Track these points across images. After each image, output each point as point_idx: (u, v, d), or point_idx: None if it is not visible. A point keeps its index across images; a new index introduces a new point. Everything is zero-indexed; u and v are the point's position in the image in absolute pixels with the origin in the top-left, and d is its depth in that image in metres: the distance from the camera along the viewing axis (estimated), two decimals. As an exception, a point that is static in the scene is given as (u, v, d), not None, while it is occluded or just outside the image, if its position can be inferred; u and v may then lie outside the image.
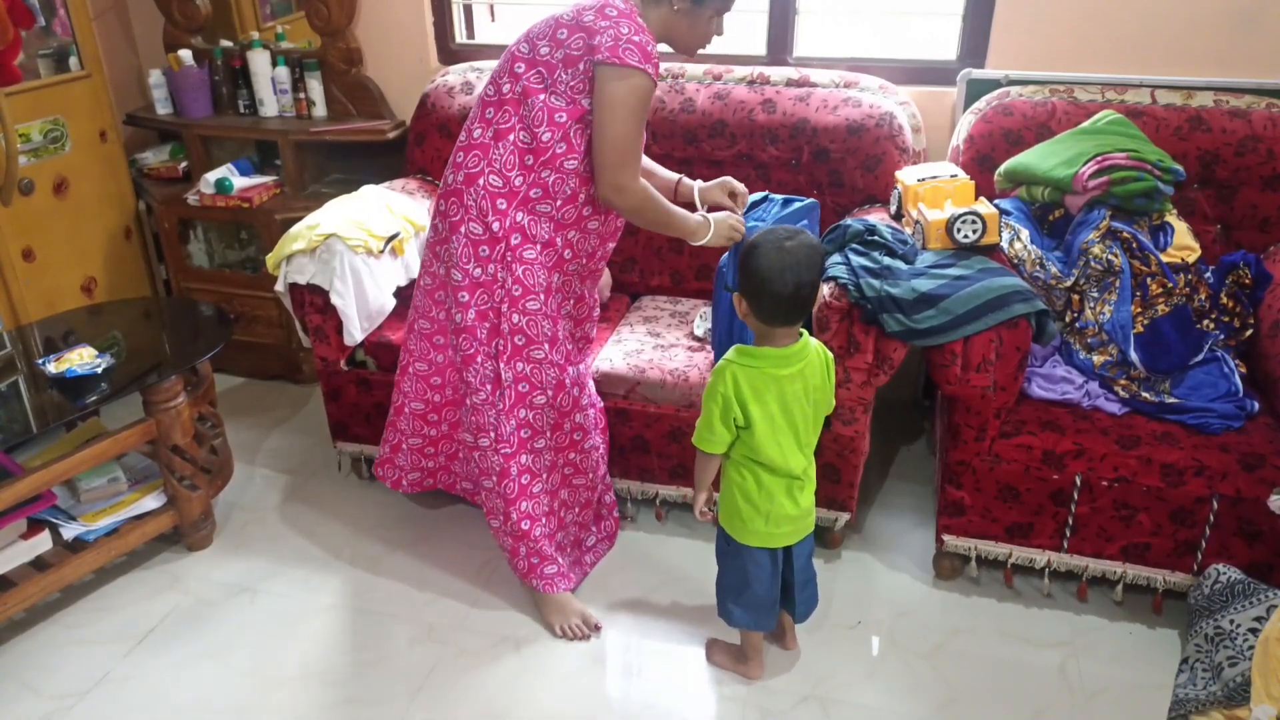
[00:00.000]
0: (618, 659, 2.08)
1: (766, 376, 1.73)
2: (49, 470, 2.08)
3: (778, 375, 1.73)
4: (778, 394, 1.74)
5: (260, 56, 3.03)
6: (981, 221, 2.14)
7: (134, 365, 2.32)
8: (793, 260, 1.67)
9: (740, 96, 2.60)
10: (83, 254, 2.98)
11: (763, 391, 1.73)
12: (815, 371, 1.78)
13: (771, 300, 1.68)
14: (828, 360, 1.82)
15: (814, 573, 1.98)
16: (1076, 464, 2.04)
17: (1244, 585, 1.85)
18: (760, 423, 1.74)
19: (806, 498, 1.85)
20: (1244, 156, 2.33)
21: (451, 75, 2.85)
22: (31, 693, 2.00)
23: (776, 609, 1.95)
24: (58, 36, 2.83)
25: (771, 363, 1.73)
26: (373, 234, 2.41)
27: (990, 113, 2.49)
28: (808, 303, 1.71)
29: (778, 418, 1.75)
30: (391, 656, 2.08)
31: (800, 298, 1.68)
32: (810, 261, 1.69)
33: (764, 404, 1.73)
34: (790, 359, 1.74)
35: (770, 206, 2.21)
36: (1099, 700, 1.95)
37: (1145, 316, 2.17)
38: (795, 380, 1.75)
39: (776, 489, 1.80)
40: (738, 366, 1.73)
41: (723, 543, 1.93)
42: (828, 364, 1.81)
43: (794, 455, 1.79)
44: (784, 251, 1.67)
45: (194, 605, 2.24)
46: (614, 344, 2.45)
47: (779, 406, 1.75)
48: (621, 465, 2.41)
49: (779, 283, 1.66)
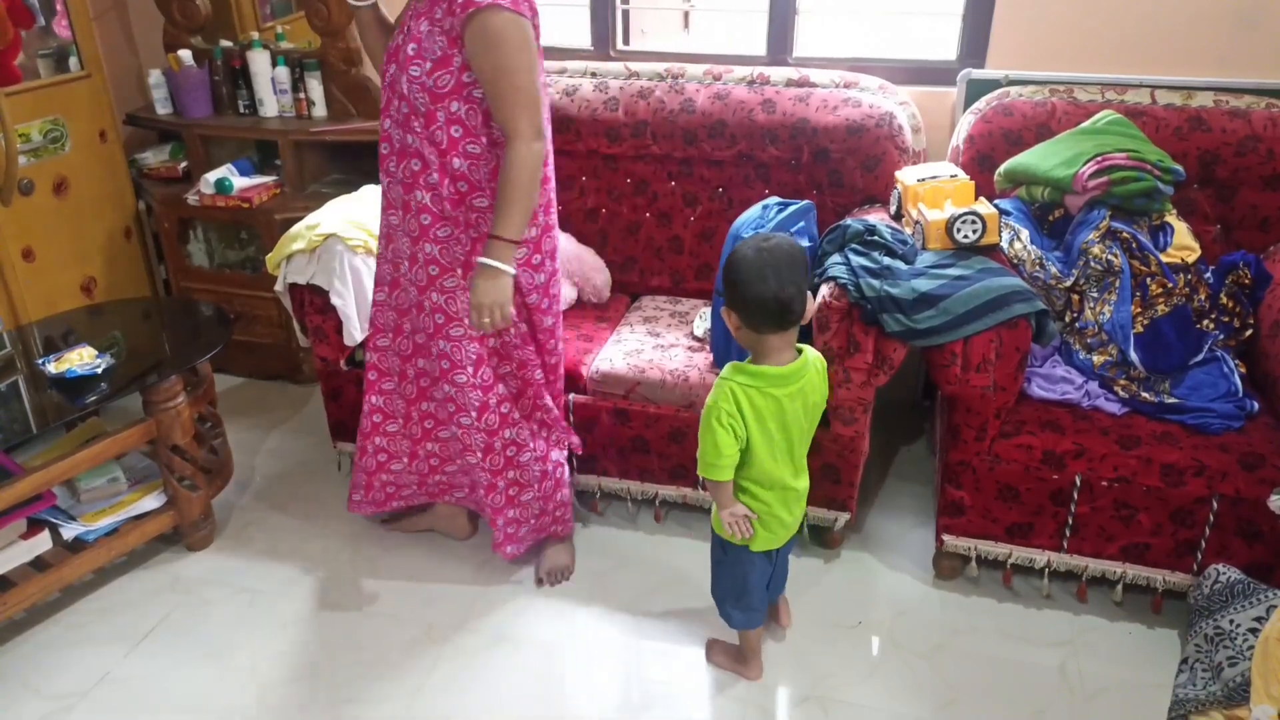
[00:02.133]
0: (618, 659, 2.08)
1: (766, 396, 1.70)
2: (49, 470, 2.08)
3: (777, 395, 1.70)
4: (777, 413, 1.71)
5: (260, 56, 3.03)
6: (981, 221, 2.14)
7: (134, 365, 2.32)
8: (772, 259, 1.65)
9: (740, 96, 2.60)
10: (82, 254, 2.98)
11: (762, 411, 1.70)
12: (815, 389, 1.76)
13: (757, 303, 1.65)
14: (822, 368, 1.80)
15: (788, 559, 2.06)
16: (1076, 464, 2.04)
17: (1244, 585, 1.85)
18: (759, 444, 1.73)
19: (800, 507, 1.88)
20: (1244, 156, 2.33)
21: (451, 75, 2.84)
22: (31, 693, 2.00)
23: (767, 602, 2.00)
24: (58, 36, 2.83)
25: (770, 382, 1.70)
26: (373, 234, 2.41)
27: (990, 113, 2.49)
28: (793, 305, 1.65)
29: (776, 437, 1.74)
30: (391, 656, 2.08)
31: (784, 298, 1.64)
32: (791, 261, 1.66)
33: (763, 424, 1.71)
34: (788, 379, 1.70)
35: (767, 212, 2.22)
36: (1099, 700, 1.95)
37: (1145, 316, 2.17)
38: (795, 399, 1.72)
39: (773, 501, 1.81)
40: (736, 384, 1.70)
41: (719, 551, 1.93)
42: (822, 372, 1.80)
43: (787, 470, 1.80)
44: (762, 252, 1.66)
45: (194, 605, 2.24)
46: (614, 344, 2.45)
47: (777, 425, 1.73)
48: (621, 465, 2.41)
49: (760, 284, 1.63)
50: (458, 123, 1.85)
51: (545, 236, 2.02)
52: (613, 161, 2.72)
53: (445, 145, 1.86)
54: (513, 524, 2.23)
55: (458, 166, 1.88)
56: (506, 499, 2.20)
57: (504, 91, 1.78)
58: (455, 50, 1.79)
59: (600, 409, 2.35)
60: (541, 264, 2.03)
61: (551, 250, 2.06)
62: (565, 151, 2.74)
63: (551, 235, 2.05)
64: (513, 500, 2.21)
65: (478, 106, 1.84)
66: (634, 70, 2.73)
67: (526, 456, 2.17)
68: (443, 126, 1.84)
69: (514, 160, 1.80)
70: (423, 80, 1.81)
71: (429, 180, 1.89)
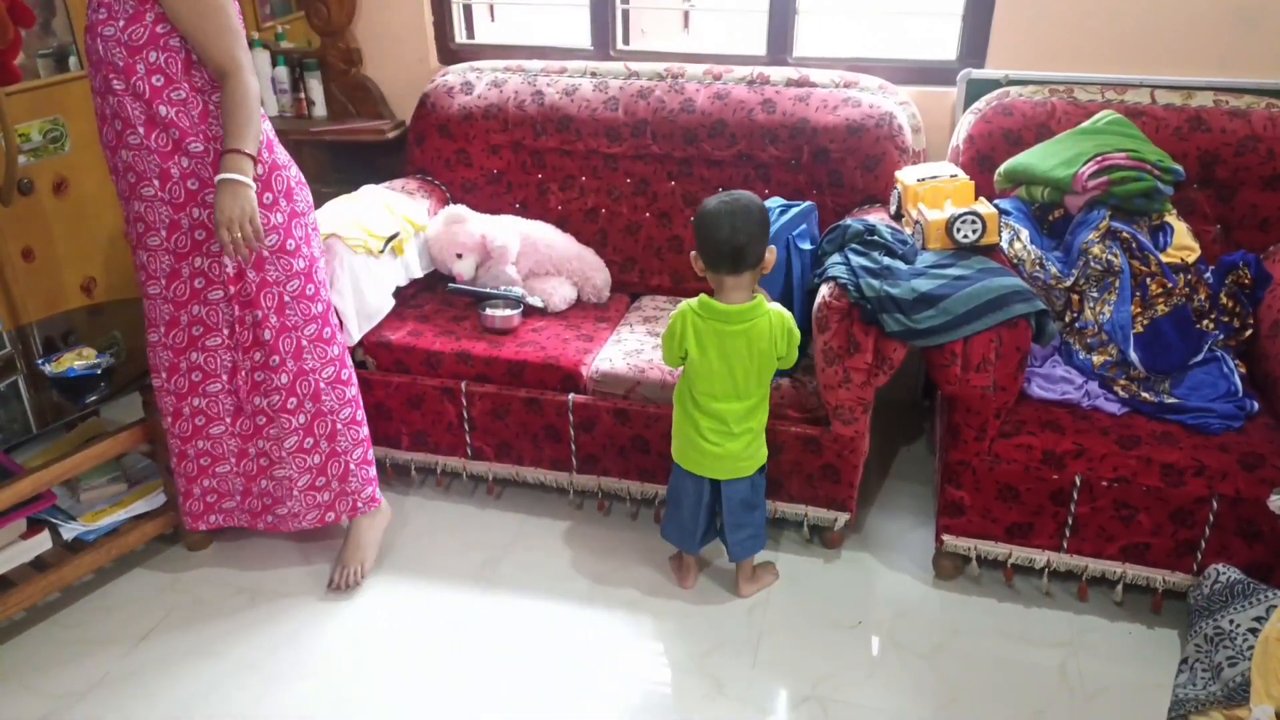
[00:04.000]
0: (618, 660, 2.08)
1: (709, 327, 1.97)
2: (49, 470, 2.08)
3: (720, 329, 1.96)
4: (718, 344, 1.98)
5: (260, 56, 3.03)
6: (981, 221, 2.14)
7: (134, 365, 2.32)
8: (730, 209, 1.92)
9: (740, 96, 2.60)
10: (82, 254, 2.98)
11: (704, 337, 1.98)
12: (763, 336, 1.97)
13: (713, 245, 1.92)
14: (787, 328, 2.00)
15: (752, 521, 2.15)
16: (1076, 464, 2.04)
17: (1244, 585, 1.85)
18: (697, 361, 2.00)
19: (733, 443, 2.04)
20: (1244, 156, 2.33)
21: (451, 75, 2.85)
22: (31, 692, 2.00)
23: (697, 538, 2.17)
24: (58, 36, 2.83)
25: (715, 315, 1.97)
26: (372, 234, 2.41)
27: (990, 113, 2.49)
28: (745, 251, 1.91)
29: (715, 362, 1.99)
30: (391, 656, 2.08)
31: (737, 244, 1.90)
32: (747, 214, 1.92)
33: (703, 348, 1.99)
34: (733, 318, 1.96)
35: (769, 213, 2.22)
36: (1099, 700, 1.95)
37: (1145, 316, 2.17)
38: (738, 337, 1.96)
39: (703, 423, 2.04)
40: (690, 312, 2.00)
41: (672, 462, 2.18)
42: (787, 332, 2.00)
43: (727, 399, 2.01)
44: (724, 203, 1.93)
45: (194, 605, 2.24)
46: (614, 344, 2.45)
47: (717, 353, 1.98)
48: (621, 465, 2.41)
49: (718, 230, 1.91)
50: (158, 72, 1.87)
51: (275, 176, 1.99)
52: (613, 161, 2.72)
53: (149, 95, 1.87)
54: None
55: (164, 114, 1.89)
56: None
57: (219, 30, 1.85)
58: (147, 6, 1.83)
59: (600, 409, 2.35)
60: (275, 203, 1.99)
61: (286, 191, 2.02)
62: (565, 151, 2.75)
63: (283, 176, 2.02)
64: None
65: (176, 55, 1.87)
66: (634, 70, 2.73)
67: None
68: (143, 78, 1.86)
69: (239, 89, 1.85)
70: (117, 36, 1.83)
71: (133, 140, 1.90)
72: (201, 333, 2.06)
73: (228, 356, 2.09)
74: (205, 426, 2.15)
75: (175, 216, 1.95)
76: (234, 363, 2.09)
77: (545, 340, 2.44)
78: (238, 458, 2.20)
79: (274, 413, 2.13)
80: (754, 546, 2.18)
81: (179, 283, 2.01)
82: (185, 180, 1.93)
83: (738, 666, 2.04)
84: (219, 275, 2.00)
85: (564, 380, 2.36)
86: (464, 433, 2.48)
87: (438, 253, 2.62)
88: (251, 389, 2.12)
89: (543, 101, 2.72)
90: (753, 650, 2.08)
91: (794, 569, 2.32)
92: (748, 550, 2.17)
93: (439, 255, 2.62)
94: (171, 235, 1.97)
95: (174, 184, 1.93)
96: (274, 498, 2.24)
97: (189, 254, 1.99)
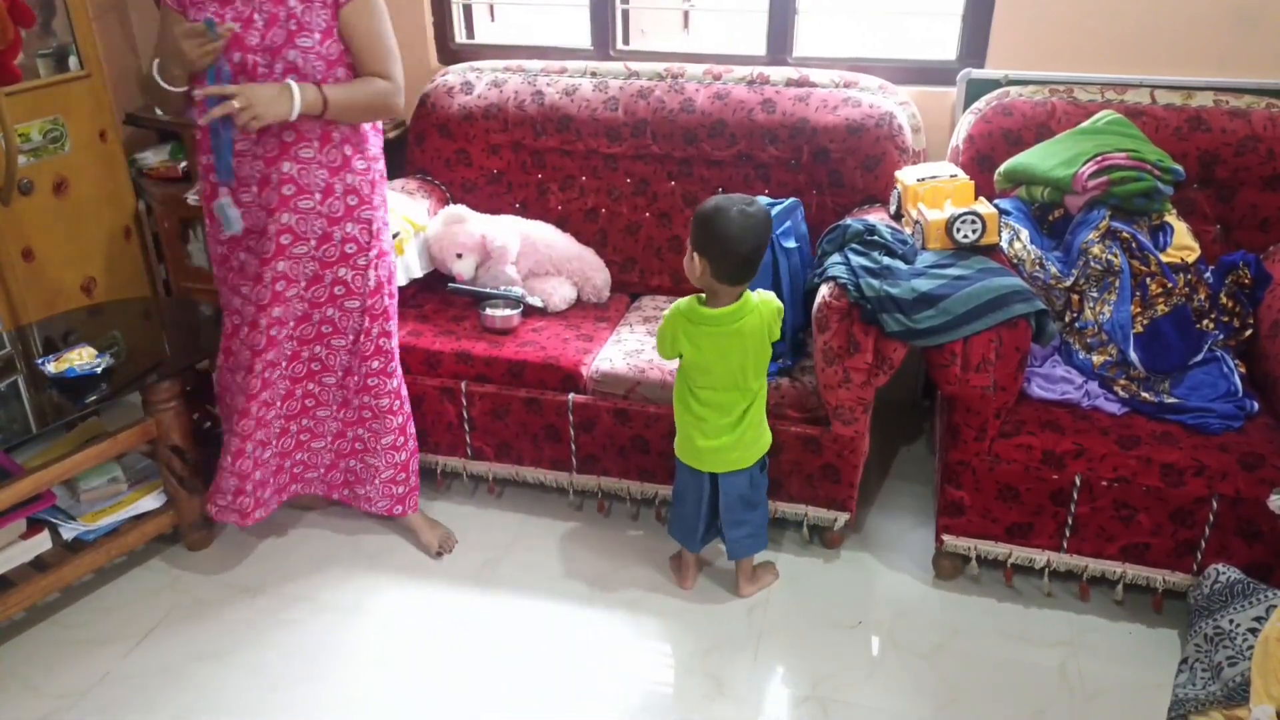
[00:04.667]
0: (618, 660, 2.08)
1: (701, 330, 1.97)
2: (49, 470, 2.08)
3: (712, 331, 1.97)
4: (711, 343, 1.98)
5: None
6: (981, 221, 2.14)
7: (134, 365, 2.32)
8: (751, 224, 1.89)
9: (740, 96, 2.60)
10: (82, 254, 2.98)
11: (697, 338, 1.99)
12: (755, 332, 1.97)
13: (730, 259, 1.89)
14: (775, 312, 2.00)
15: (752, 519, 2.14)
16: (1076, 464, 2.04)
17: (1244, 585, 1.85)
18: (692, 359, 2.01)
19: (729, 435, 2.03)
20: (1244, 156, 2.33)
21: (451, 75, 2.85)
22: (31, 692, 2.00)
23: (698, 535, 2.16)
24: (58, 36, 2.83)
25: (705, 321, 1.97)
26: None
27: (990, 113, 2.49)
28: (757, 265, 1.93)
29: (711, 359, 1.99)
30: (391, 656, 2.08)
31: (753, 260, 1.91)
32: (766, 227, 1.94)
33: (698, 346, 1.99)
34: (724, 320, 1.96)
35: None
36: (1099, 700, 1.95)
37: (1145, 316, 2.17)
38: (731, 336, 1.96)
39: (702, 414, 2.04)
40: (680, 318, 2.00)
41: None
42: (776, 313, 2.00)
43: (726, 390, 2.01)
44: (746, 216, 1.89)
45: (194, 605, 2.24)
46: (614, 344, 2.45)
47: (712, 351, 1.98)
48: (621, 465, 2.41)
49: (738, 244, 1.88)
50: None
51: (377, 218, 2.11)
52: (613, 161, 2.72)
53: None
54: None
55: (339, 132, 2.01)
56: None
57: (388, 49, 2.00)
58: (335, 21, 1.93)
59: (600, 409, 2.35)
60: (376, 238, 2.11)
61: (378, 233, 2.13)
62: (565, 151, 2.75)
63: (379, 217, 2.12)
64: None
65: (351, 74, 2.00)
66: (634, 70, 2.73)
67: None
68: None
69: (386, 88, 1.99)
70: (316, 49, 1.92)
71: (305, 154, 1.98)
72: (330, 331, 2.17)
73: (346, 358, 2.21)
74: (314, 409, 2.26)
75: (329, 229, 2.04)
76: (349, 365, 2.22)
77: (545, 340, 2.45)
78: (334, 437, 2.31)
79: (381, 414, 2.26)
80: (753, 546, 2.18)
81: (319, 287, 2.11)
82: (346, 196, 2.03)
83: (738, 666, 2.04)
84: (360, 288, 2.12)
85: (564, 380, 2.36)
86: (464, 433, 2.48)
87: (438, 252, 2.62)
88: (361, 389, 2.24)
89: (543, 101, 2.72)
90: (753, 650, 2.08)
91: (794, 569, 2.32)
92: (746, 549, 2.17)
93: (439, 255, 2.62)
94: (321, 246, 2.07)
95: (335, 199, 2.03)
96: (358, 478, 2.35)
97: (335, 264, 2.09)
